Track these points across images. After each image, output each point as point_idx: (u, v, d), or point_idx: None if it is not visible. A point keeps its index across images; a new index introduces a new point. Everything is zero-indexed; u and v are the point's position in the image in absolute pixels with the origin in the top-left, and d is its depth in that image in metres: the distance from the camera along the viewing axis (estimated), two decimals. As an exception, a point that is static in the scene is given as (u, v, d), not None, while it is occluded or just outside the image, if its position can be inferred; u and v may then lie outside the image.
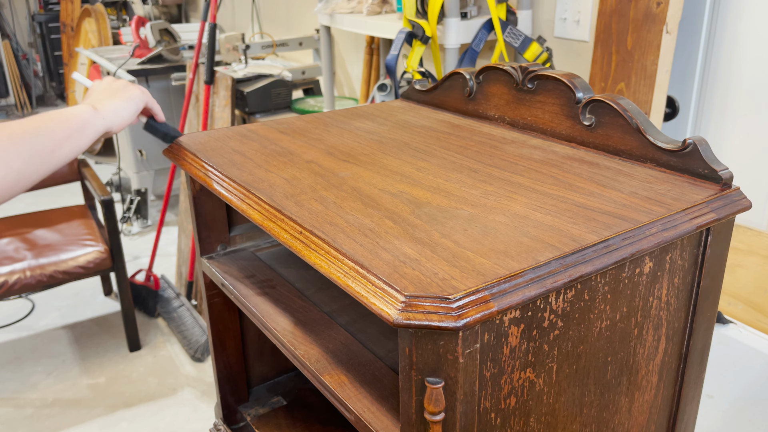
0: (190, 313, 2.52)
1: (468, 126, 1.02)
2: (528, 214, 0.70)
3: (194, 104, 2.70)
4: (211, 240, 1.09)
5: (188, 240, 2.67)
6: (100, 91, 0.95)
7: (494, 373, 0.61)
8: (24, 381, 2.31)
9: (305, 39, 2.88)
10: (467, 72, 1.04)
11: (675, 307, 0.77)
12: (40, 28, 5.90)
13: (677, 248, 0.73)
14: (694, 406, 0.88)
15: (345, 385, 0.76)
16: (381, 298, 0.57)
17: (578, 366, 0.69)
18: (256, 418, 1.20)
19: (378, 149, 0.93)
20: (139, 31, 3.25)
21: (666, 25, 1.38)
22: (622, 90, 1.50)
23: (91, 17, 4.35)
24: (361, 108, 1.16)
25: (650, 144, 0.81)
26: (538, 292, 0.59)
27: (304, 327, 0.88)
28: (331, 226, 0.69)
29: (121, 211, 3.55)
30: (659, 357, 0.78)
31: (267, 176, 0.84)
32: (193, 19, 4.51)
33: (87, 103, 0.92)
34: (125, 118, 0.93)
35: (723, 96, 1.49)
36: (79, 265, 2.24)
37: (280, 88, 2.57)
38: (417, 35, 1.68)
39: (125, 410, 2.15)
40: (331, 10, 2.16)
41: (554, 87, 0.90)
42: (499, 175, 0.81)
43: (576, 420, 0.73)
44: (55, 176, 2.55)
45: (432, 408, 0.59)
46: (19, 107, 5.96)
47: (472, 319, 0.55)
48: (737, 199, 0.75)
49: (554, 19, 1.77)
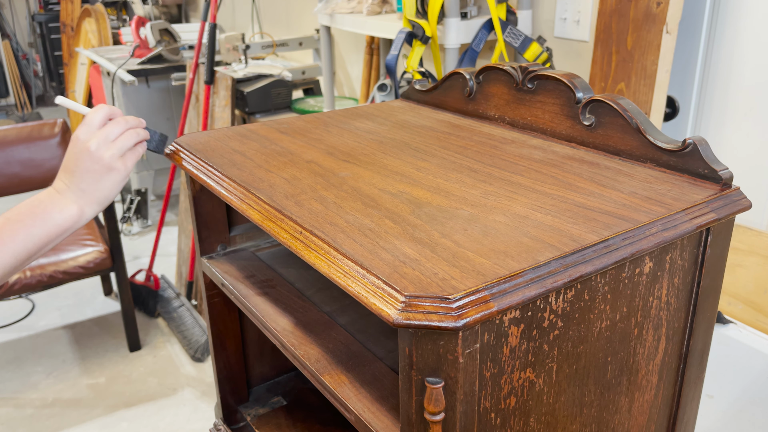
0: (190, 313, 2.52)
1: (468, 126, 1.02)
2: (528, 214, 0.70)
3: (194, 104, 2.70)
4: (211, 240, 1.09)
5: (188, 240, 2.67)
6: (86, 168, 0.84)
7: (494, 373, 0.61)
8: (24, 381, 2.31)
9: (305, 39, 2.88)
10: (467, 72, 1.04)
11: (675, 307, 0.77)
12: (40, 28, 5.91)
13: (677, 248, 0.73)
14: (694, 406, 0.88)
15: (345, 385, 0.76)
16: (381, 298, 0.57)
17: (578, 366, 0.69)
18: (256, 418, 1.20)
19: (378, 149, 0.93)
20: (139, 31, 3.25)
21: (666, 25, 1.38)
22: (622, 90, 1.50)
23: (91, 17, 4.35)
24: (361, 108, 1.16)
25: (650, 144, 0.81)
26: (538, 292, 0.59)
27: (304, 327, 0.88)
28: (331, 226, 0.69)
29: (121, 211, 3.55)
30: (659, 357, 0.78)
31: (267, 176, 0.84)
32: (193, 19, 4.51)
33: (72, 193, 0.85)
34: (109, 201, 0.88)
35: (723, 96, 1.49)
36: (79, 265, 2.24)
37: (280, 88, 2.57)
38: (417, 35, 1.68)
39: (125, 410, 2.15)
40: (331, 10, 2.16)
41: (554, 87, 0.90)
42: (499, 175, 0.81)
43: (576, 420, 0.73)
44: (55, 176, 2.55)
45: (432, 408, 0.59)
46: (19, 107, 5.96)
47: (472, 319, 0.55)
48: (737, 199, 0.75)
49: (554, 19, 1.77)
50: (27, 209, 0.84)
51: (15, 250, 0.82)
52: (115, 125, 0.86)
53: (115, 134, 0.86)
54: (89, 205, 0.86)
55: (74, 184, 0.85)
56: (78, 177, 0.85)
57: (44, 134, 2.53)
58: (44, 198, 0.86)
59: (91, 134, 0.85)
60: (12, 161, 2.48)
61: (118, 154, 0.85)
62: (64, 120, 2.59)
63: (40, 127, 2.54)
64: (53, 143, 2.54)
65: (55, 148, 2.54)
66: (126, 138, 0.86)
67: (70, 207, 0.85)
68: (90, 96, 4.23)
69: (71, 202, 0.85)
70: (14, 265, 0.83)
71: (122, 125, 0.87)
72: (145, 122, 0.92)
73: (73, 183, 0.85)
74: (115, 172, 0.86)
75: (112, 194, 0.87)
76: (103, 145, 0.85)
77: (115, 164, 0.85)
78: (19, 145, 2.49)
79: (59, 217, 0.84)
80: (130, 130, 0.87)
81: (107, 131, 0.86)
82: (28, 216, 0.83)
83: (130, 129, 0.88)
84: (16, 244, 0.82)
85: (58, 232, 0.84)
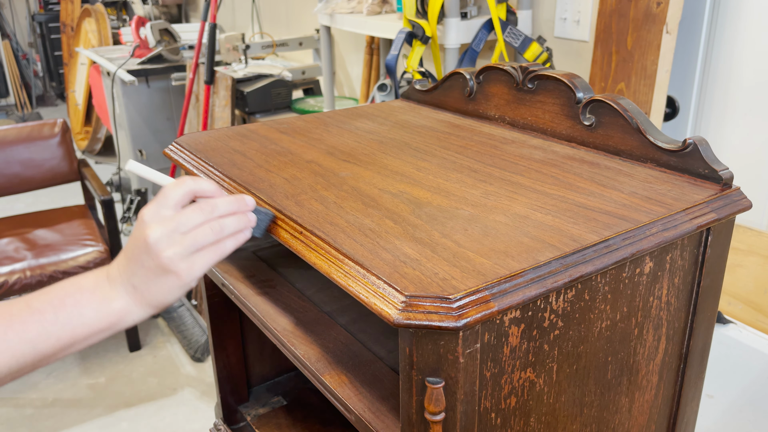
0: (190, 313, 2.52)
1: (468, 126, 1.02)
2: (528, 214, 0.70)
3: (194, 104, 2.70)
4: (211, 240, 1.09)
5: (188, 240, 2.66)
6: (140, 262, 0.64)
7: (494, 373, 0.61)
8: (24, 381, 2.31)
9: (305, 39, 2.88)
10: (467, 72, 1.04)
11: (675, 307, 0.77)
12: (40, 28, 5.91)
13: (677, 248, 0.73)
14: (694, 406, 0.88)
15: (345, 385, 0.76)
16: (381, 298, 0.57)
17: (578, 366, 0.69)
18: (256, 418, 1.20)
19: (378, 149, 0.93)
20: (139, 31, 3.25)
21: (666, 25, 1.38)
22: (622, 90, 1.50)
23: (91, 17, 4.35)
24: (361, 108, 1.16)
25: (650, 144, 0.81)
26: (539, 292, 0.58)
27: (304, 327, 0.88)
28: (331, 226, 0.69)
29: (121, 211, 3.55)
30: (659, 357, 0.78)
31: (267, 176, 0.84)
32: (193, 19, 4.51)
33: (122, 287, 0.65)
34: (164, 306, 0.67)
35: (723, 96, 1.49)
36: (79, 265, 2.24)
37: (280, 88, 2.57)
38: (417, 35, 1.68)
39: (125, 410, 2.15)
40: (331, 10, 2.16)
41: (554, 87, 0.90)
42: (500, 175, 0.81)
43: (576, 420, 0.73)
44: (55, 176, 2.55)
45: (432, 408, 0.59)
46: (19, 107, 5.95)
47: (473, 319, 0.55)
48: (737, 199, 0.75)
49: (554, 19, 1.77)
50: (59, 294, 0.65)
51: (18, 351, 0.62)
52: (196, 212, 0.64)
53: (190, 225, 0.64)
54: (138, 305, 0.66)
55: (126, 276, 0.66)
56: (131, 269, 0.65)
57: (44, 134, 2.53)
58: (88, 284, 0.66)
59: (158, 218, 0.64)
60: (12, 161, 2.48)
61: (184, 255, 0.64)
62: (64, 120, 2.59)
63: (40, 127, 2.54)
64: (53, 143, 2.54)
65: (55, 148, 2.55)
66: (202, 234, 0.64)
67: (115, 302, 0.66)
68: (90, 96, 4.23)
69: (119, 296, 0.66)
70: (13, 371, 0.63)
71: (205, 213, 0.65)
72: (254, 202, 0.69)
73: (125, 274, 0.66)
74: (172, 277, 0.64)
75: (168, 300, 0.66)
76: (166, 239, 0.63)
77: (176, 266, 0.63)
78: (19, 145, 2.49)
79: (93, 315, 0.65)
80: (214, 223, 0.65)
81: (179, 220, 0.64)
82: (54, 306, 0.64)
83: (216, 220, 0.65)
84: (21, 342, 0.62)
85: (86, 334, 0.65)
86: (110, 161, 4.36)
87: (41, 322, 0.63)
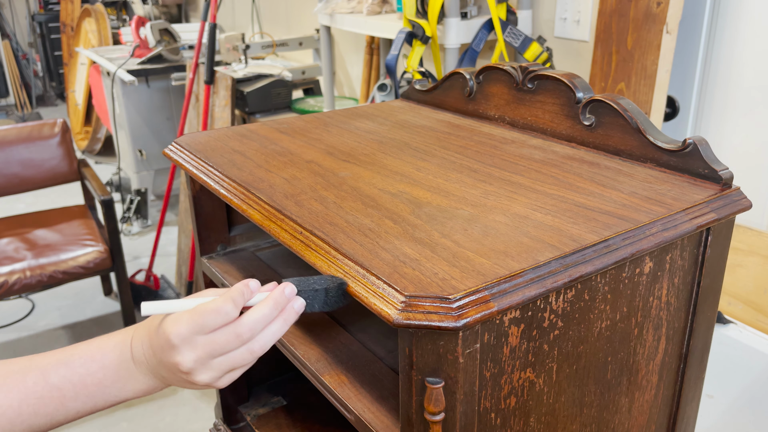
0: (190, 313, 2.52)
1: (468, 126, 1.02)
2: (528, 214, 0.70)
3: (194, 104, 2.70)
4: (211, 240, 1.09)
5: (188, 240, 2.67)
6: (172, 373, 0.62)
7: (494, 373, 0.61)
8: (24, 381, 2.31)
9: (305, 39, 2.88)
10: (467, 72, 1.04)
11: (675, 307, 0.77)
12: (40, 28, 5.91)
13: (677, 248, 0.73)
14: (694, 406, 0.88)
15: (345, 385, 0.76)
16: (381, 298, 0.57)
17: (578, 366, 0.69)
18: (256, 418, 1.20)
19: (378, 149, 0.93)
20: (139, 31, 3.25)
21: (666, 25, 1.38)
22: (622, 90, 1.50)
23: (91, 17, 4.35)
24: (361, 108, 1.16)
25: (650, 144, 0.81)
26: (538, 292, 0.58)
27: (304, 327, 0.88)
28: (331, 226, 0.69)
29: (121, 211, 3.55)
30: (659, 357, 0.78)
31: (267, 176, 0.84)
32: (193, 19, 4.51)
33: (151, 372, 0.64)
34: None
35: (723, 96, 1.49)
36: (79, 265, 2.24)
37: (280, 88, 2.57)
38: (417, 35, 1.68)
39: (125, 410, 2.15)
40: (331, 10, 2.16)
41: (554, 87, 0.90)
42: (499, 175, 0.81)
43: (576, 420, 0.73)
44: (55, 176, 2.55)
45: (432, 408, 0.59)
46: (19, 107, 5.95)
47: (472, 319, 0.55)
48: (737, 199, 0.75)
49: (554, 19, 1.77)
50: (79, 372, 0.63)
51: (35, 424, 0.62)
52: (231, 337, 0.60)
53: (224, 350, 0.60)
54: (164, 385, 0.66)
55: (155, 369, 0.64)
56: (161, 369, 0.63)
57: (44, 134, 2.53)
58: (111, 361, 0.64)
59: (193, 343, 0.60)
60: (12, 161, 2.48)
61: (216, 377, 0.62)
62: (64, 120, 2.59)
63: (40, 127, 2.54)
64: (53, 143, 2.54)
65: (55, 148, 2.54)
66: (240, 358, 0.61)
67: (141, 384, 0.65)
68: (90, 96, 4.23)
69: (145, 378, 0.65)
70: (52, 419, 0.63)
71: (242, 337, 0.60)
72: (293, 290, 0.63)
73: (153, 367, 0.64)
74: (202, 386, 0.63)
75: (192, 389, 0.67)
76: (201, 366, 0.60)
77: (210, 384, 0.63)
78: (19, 145, 2.49)
79: (116, 393, 0.64)
80: (252, 343, 0.61)
81: (215, 345, 0.60)
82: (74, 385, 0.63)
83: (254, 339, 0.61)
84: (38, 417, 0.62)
85: (108, 405, 0.65)
86: (110, 161, 4.36)
87: (60, 400, 0.63)
